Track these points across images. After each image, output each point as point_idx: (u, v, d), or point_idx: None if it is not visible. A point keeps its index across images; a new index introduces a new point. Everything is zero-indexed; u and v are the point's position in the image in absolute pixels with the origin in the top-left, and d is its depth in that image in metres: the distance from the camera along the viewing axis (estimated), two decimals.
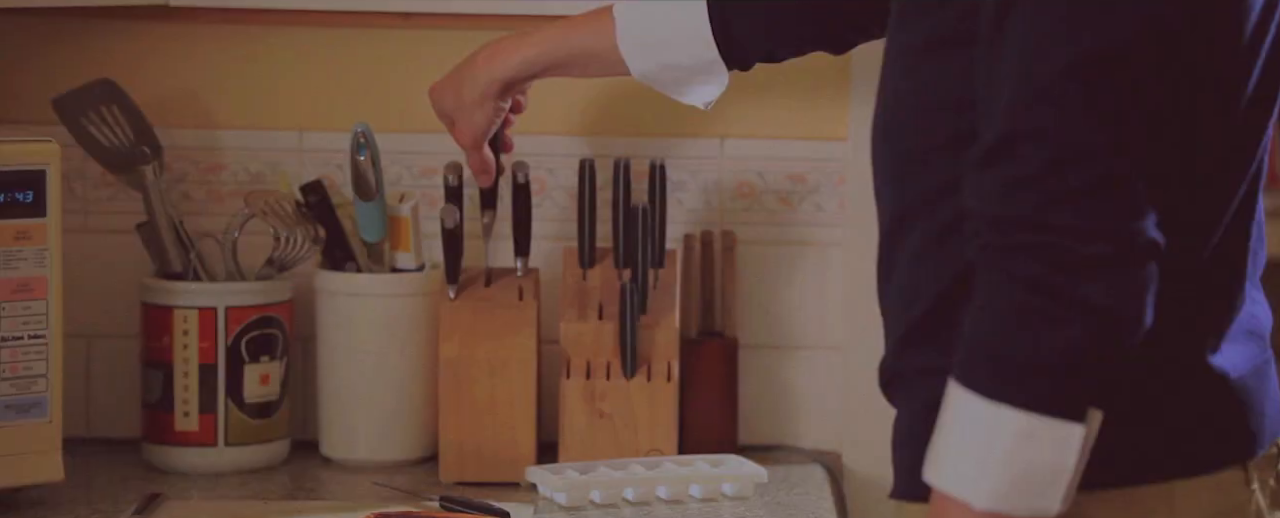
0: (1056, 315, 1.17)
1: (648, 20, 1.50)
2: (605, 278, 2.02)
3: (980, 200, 1.21)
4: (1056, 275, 1.18)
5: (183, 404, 2.01)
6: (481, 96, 1.68)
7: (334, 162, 2.11)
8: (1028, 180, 1.19)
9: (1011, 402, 1.19)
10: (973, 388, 1.20)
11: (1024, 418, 1.18)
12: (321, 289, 2.05)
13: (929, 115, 1.28)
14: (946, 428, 1.21)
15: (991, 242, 1.20)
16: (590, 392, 1.97)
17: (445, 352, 1.98)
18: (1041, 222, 1.18)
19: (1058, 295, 1.18)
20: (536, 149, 2.09)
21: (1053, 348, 1.18)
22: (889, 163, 1.33)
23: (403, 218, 2.03)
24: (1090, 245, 1.18)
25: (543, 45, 1.63)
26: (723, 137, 2.10)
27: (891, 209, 1.34)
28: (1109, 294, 1.17)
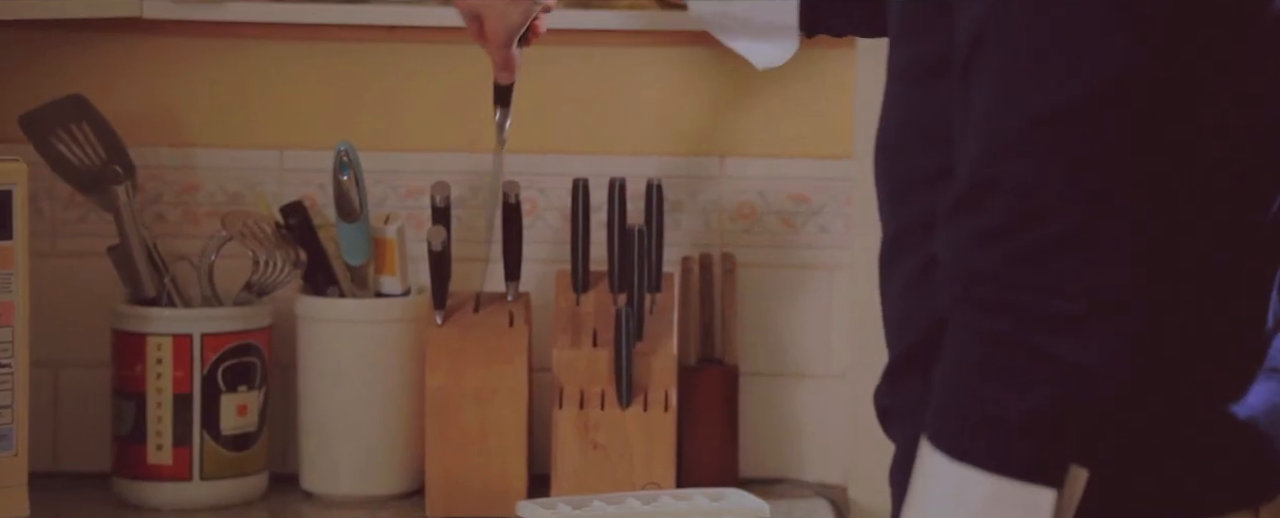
0: (1024, 374, 1.14)
1: None
2: (600, 303, 2.00)
3: (949, 251, 1.17)
4: (1024, 332, 1.14)
5: (156, 437, 1.98)
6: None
7: (316, 181, 2.08)
8: (996, 233, 1.15)
9: (977, 463, 1.15)
10: (939, 447, 1.17)
11: (990, 481, 1.15)
12: (302, 315, 2.02)
13: (918, 144, 1.24)
14: (916, 486, 1.18)
15: (959, 294, 1.17)
16: (584, 422, 1.95)
17: (432, 380, 1.96)
18: (1009, 276, 1.15)
19: (1025, 353, 1.14)
20: (528, 168, 2.07)
21: (1020, 408, 1.14)
22: (885, 185, 1.30)
23: (388, 240, 2.01)
24: (1059, 302, 1.14)
25: None
26: (723, 155, 2.08)
27: (888, 233, 1.31)
28: (1080, 353, 1.14)
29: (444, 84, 2.07)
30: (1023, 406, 1.14)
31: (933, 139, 1.22)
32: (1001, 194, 1.14)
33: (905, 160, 1.26)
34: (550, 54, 2.04)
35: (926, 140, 1.23)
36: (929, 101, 1.22)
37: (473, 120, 2.07)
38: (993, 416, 1.14)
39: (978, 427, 1.14)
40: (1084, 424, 1.15)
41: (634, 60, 2.06)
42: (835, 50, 2.02)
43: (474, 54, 1.95)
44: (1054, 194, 1.13)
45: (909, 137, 1.25)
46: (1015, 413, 1.14)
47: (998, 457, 1.14)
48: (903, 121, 1.26)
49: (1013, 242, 1.14)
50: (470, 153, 2.08)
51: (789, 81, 2.02)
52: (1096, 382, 1.14)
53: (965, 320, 1.16)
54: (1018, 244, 1.14)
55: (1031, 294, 1.13)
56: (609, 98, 2.06)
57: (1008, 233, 1.14)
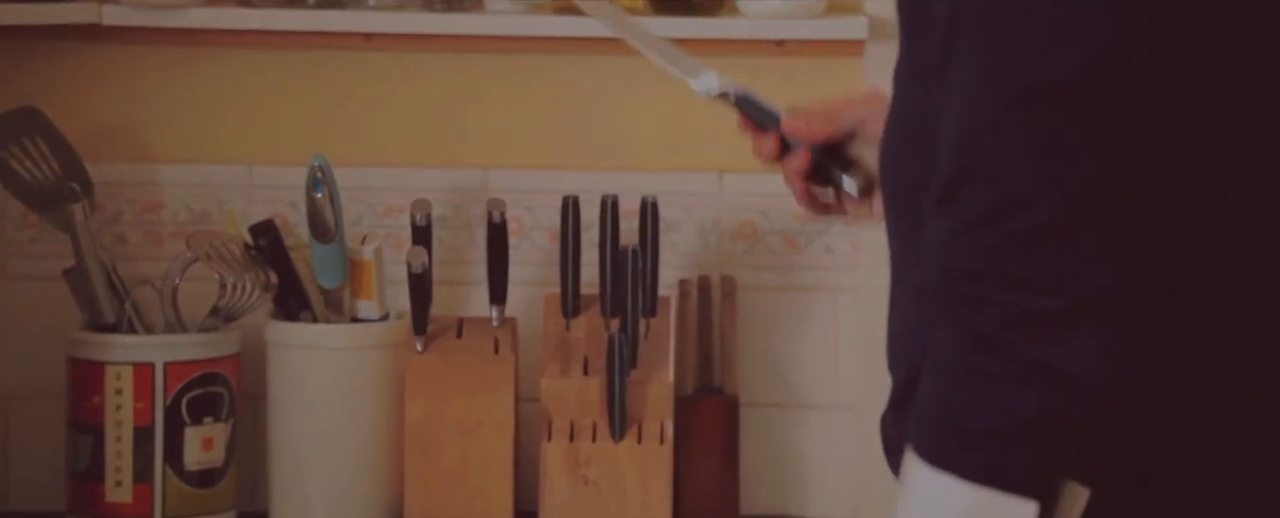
0: (1006, 377, 1.10)
1: None
2: (591, 328, 1.99)
3: (930, 247, 1.14)
4: (1006, 333, 1.11)
5: (115, 473, 1.96)
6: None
7: (287, 199, 2.06)
8: (973, 225, 1.11)
9: (956, 472, 1.11)
10: (920, 454, 1.13)
11: (970, 491, 1.11)
12: (273, 342, 2.00)
13: (915, 149, 1.20)
14: (901, 496, 1.15)
15: (938, 293, 1.13)
16: (574, 456, 1.94)
17: (412, 411, 1.96)
18: (987, 271, 1.11)
19: (1007, 355, 1.10)
20: (514, 185, 2.05)
21: (1002, 413, 1.10)
22: (890, 197, 1.26)
23: (364, 261, 2.00)
24: (1041, 299, 1.10)
25: None
26: (721, 170, 2.06)
27: (894, 247, 1.26)
28: (1066, 356, 1.10)
29: (424, 95, 2.06)
30: (1002, 411, 1.10)
31: (928, 143, 1.17)
32: (977, 182, 1.11)
33: (907, 167, 1.21)
34: (538, 63, 2.05)
35: (922, 145, 1.18)
36: (924, 103, 1.18)
37: (454, 134, 2.07)
38: (971, 422, 1.11)
39: (956, 433, 1.11)
40: (1069, 432, 1.11)
41: (626, 70, 2.02)
42: (842, 59, 2.03)
43: (456, 63, 2.01)
44: (1031, 181, 1.10)
45: (909, 141, 1.21)
46: (994, 419, 1.10)
47: (976, 466, 1.11)
48: (904, 126, 1.22)
49: (991, 233, 1.10)
50: (452, 168, 2.07)
51: (793, 92, 1.92)
52: (1080, 386, 1.10)
53: (944, 319, 1.12)
54: (995, 236, 1.10)
55: (1010, 290, 1.10)
56: (601, 109, 2.05)
57: (985, 224, 1.11)
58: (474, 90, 2.04)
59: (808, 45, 2.02)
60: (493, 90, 2.05)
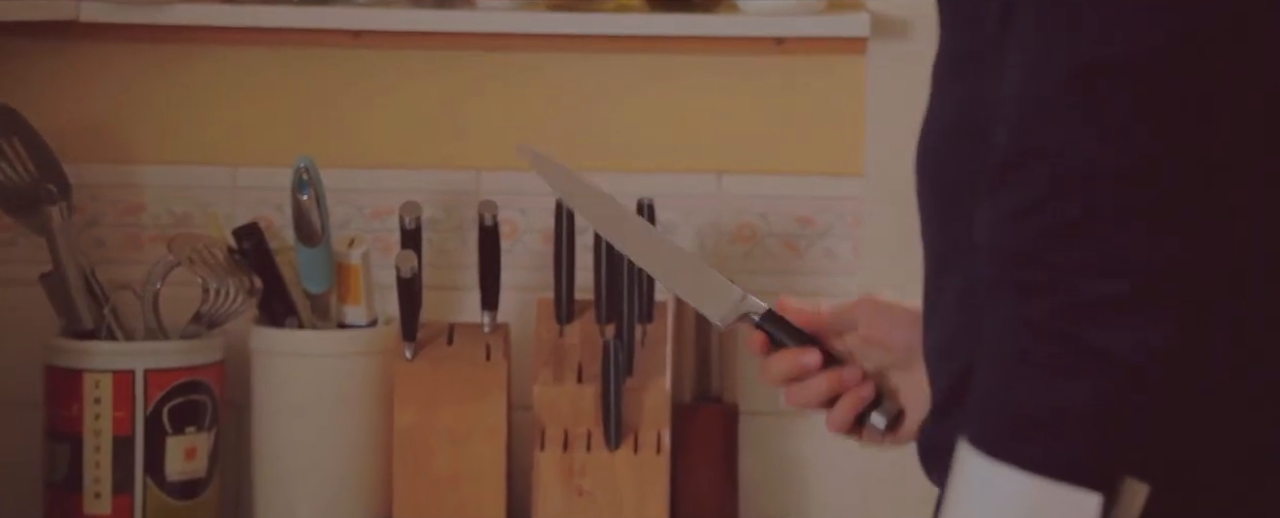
0: (1068, 365, 1.09)
1: None
2: (585, 334, 1.98)
3: (984, 234, 1.12)
4: (1067, 318, 1.09)
5: (93, 484, 1.94)
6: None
7: (272, 201, 2.05)
8: (1029, 208, 1.09)
9: (1016, 462, 1.09)
10: (976, 446, 1.10)
11: (1030, 483, 1.09)
12: (257, 349, 1.99)
13: (964, 143, 1.19)
14: (953, 490, 1.12)
15: (994, 278, 1.11)
16: (568, 466, 1.93)
17: (401, 419, 1.95)
18: (1045, 255, 1.09)
19: (1069, 342, 1.09)
20: (506, 187, 2.04)
21: (1062, 401, 1.09)
22: (929, 196, 1.24)
23: (352, 266, 1.98)
24: (1101, 283, 1.08)
25: None
26: (720, 171, 2.05)
27: (934, 249, 1.24)
28: (1127, 341, 1.08)
29: (414, 94, 2.05)
30: (1068, 398, 1.09)
31: (980, 136, 1.15)
32: (1034, 164, 1.09)
33: (952, 163, 1.20)
34: (531, 61, 2.04)
35: (973, 138, 1.16)
36: (975, 94, 1.17)
37: (445, 134, 2.05)
38: (1031, 411, 1.09)
39: (1016, 423, 1.09)
40: (1132, 422, 1.09)
41: (622, 68, 2.04)
42: (844, 57, 2.02)
43: (447, 61, 1.99)
44: (1091, 162, 1.09)
45: (954, 136, 1.20)
46: (1054, 408, 1.09)
47: (1037, 456, 1.09)
48: (947, 121, 1.21)
49: (1047, 215, 1.09)
50: (443, 170, 2.06)
51: (793, 91, 2.00)
52: (1143, 373, 1.09)
53: (1001, 306, 1.10)
54: (1052, 218, 1.09)
55: (1068, 274, 1.08)
56: (596, 109, 2.04)
57: (1041, 206, 1.09)
58: (465, 89, 2.03)
59: (808, 43, 2.01)
60: (485, 89, 2.04)
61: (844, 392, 1.31)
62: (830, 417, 1.33)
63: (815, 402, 1.32)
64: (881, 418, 1.30)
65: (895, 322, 1.32)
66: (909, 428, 1.33)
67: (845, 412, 1.32)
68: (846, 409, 1.32)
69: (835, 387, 1.31)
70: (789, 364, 1.33)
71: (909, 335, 1.30)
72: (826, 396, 1.31)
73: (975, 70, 1.16)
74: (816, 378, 1.31)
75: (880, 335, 1.32)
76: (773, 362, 1.34)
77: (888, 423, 1.30)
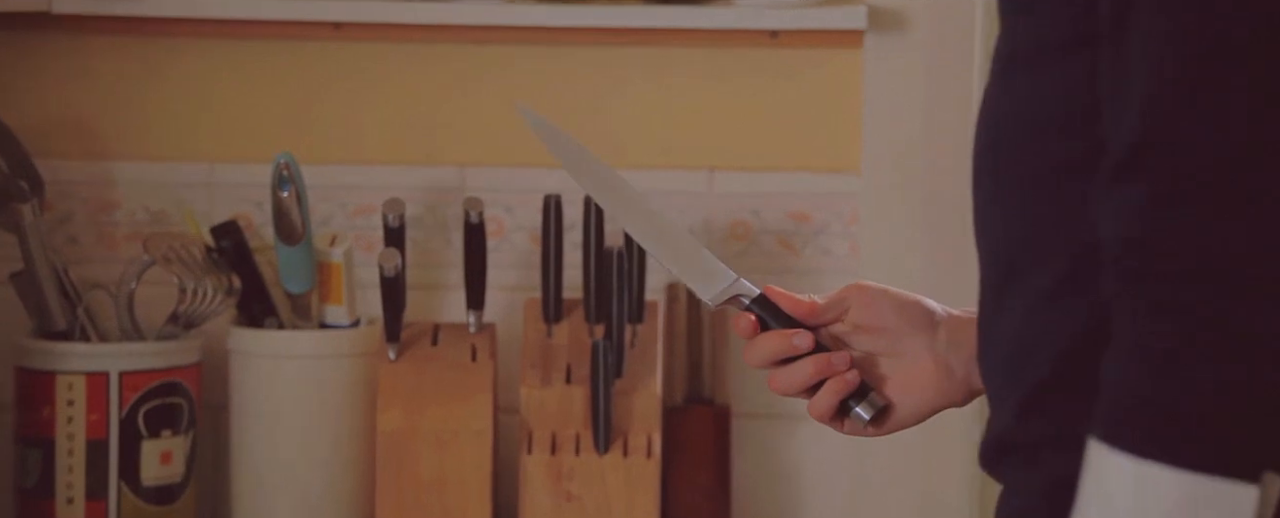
0: (1220, 354, 1.09)
1: None
2: (574, 335, 1.96)
3: (1114, 223, 1.10)
4: (1216, 306, 1.08)
5: (66, 489, 1.92)
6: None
7: (252, 198, 2.04)
8: (1169, 195, 1.09)
9: (1167, 460, 1.08)
10: (1118, 445, 1.09)
11: (1184, 480, 1.08)
12: (236, 350, 1.98)
13: (1048, 133, 1.17)
14: (1088, 495, 1.10)
15: (1133, 270, 1.10)
16: (556, 470, 1.91)
17: (384, 423, 1.93)
18: (1190, 243, 1.09)
19: (1220, 330, 1.08)
20: (493, 183, 2.03)
21: (1218, 393, 1.09)
22: (994, 190, 1.21)
23: (334, 264, 1.97)
24: (1253, 268, 1.08)
25: None
26: (712, 168, 2.05)
27: (999, 248, 1.21)
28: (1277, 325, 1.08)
29: (398, 88, 2.04)
30: (1221, 390, 1.08)
31: (1068, 125, 1.15)
32: (1170, 150, 1.09)
33: (1028, 154, 1.17)
34: (518, 54, 2.03)
35: (1059, 128, 1.15)
36: (1061, 82, 1.15)
37: (429, 129, 2.05)
38: (1184, 406, 1.08)
39: (1167, 420, 1.08)
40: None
41: (611, 62, 2.03)
42: (840, 50, 2.02)
43: (431, 54, 1.99)
44: (1229, 147, 1.08)
45: (1033, 126, 1.17)
46: (1209, 400, 1.08)
47: (1192, 452, 1.08)
48: (1021, 110, 1.18)
49: (1190, 202, 1.08)
50: (427, 166, 2.04)
51: (788, 85, 2.00)
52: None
53: (1142, 297, 1.09)
54: (1197, 205, 1.08)
55: (1218, 260, 1.08)
56: (585, 104, 2.03)
57: (1183, 194, 1.08)
58: (451, 83, 2.02)
59: (804, 36, 2.00)
60: (470, 84, 2.03)
61: (830, 377, 1.30)
62: (813, 402, 1.32)
63: (801, 386, 1.31)
64: (867, 409, 1.29)
65: (885, 307, 1.32)
66: (899, 418, 1.32)
67: (829, 397, 1.30)
68: (830, 395, 1.30)
69: (822, 371, 1.30)
70: (778, 345, 1.31)
71: (899, 320, 1.31)
72: (812, 379, 1.30)
73: (1074, 56, 1.14)
74: (803, 361, 1.30)
75: (870, 321, 1.31)
76: (761, 342, 1.31)
77: (872, 416, 1.29)
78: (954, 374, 1.32)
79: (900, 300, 1.32)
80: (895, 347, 1.31)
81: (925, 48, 1.99)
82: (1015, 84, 1.18)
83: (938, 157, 2.00)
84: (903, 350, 1.31)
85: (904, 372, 1.31)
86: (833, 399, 1.30)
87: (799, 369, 1.30)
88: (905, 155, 2.00)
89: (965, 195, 2.04)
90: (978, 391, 1.34)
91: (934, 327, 1.32)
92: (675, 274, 1.35)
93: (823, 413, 1.31)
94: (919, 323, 1.32)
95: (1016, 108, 1.18)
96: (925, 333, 1.32)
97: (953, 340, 1.32)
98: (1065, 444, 1.15)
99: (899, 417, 1.32)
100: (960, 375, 1.32)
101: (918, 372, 1.30)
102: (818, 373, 1.30)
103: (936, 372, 1.32)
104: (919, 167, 2.00)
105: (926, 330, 1.32)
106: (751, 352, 1.32)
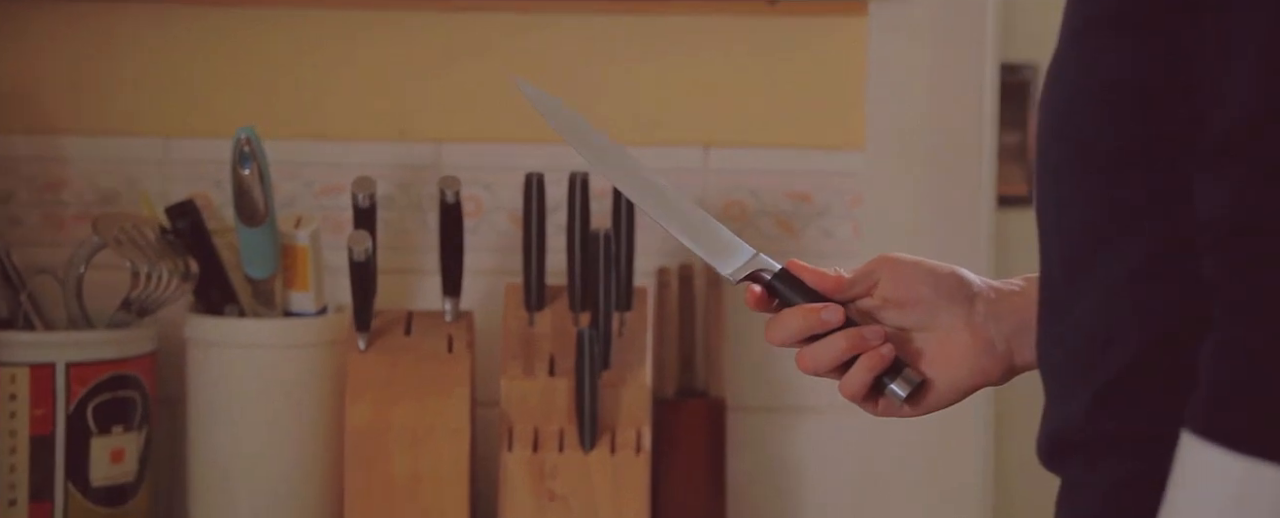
0: None
1: None
2: (557, 323, 1.94)
3: (1217, 204, 1.09)
4: None
5: (8, 490, 1.88)
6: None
7: (210, 176, 2.02)
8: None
9: (1272, 457, 1.07)
10: (1217, 440, 1.08)
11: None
12: (193, 339, 1.94)
13: (1133, 104, 1.16)
14: (1183, 490, 1.10)
15: (1236, 253, 1.08)
16: (538, 468, 1.89)
17: (353, 418, 1.90)
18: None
19: None
20: (471, 160, 2.01)
21: None
22: (1071, 164, 1.19)
23: (299, 248, 1.94)
24: None
25: None
26: (706, 144, 2.02)
27: (1074, 225, 1.19)
28: None
29: (370, 58, 2.01)
30: None
31: (1158, 97, 1.13)
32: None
33: (1113, 127, 1.15)
34: (498, 22, 2.02)
35: (1147, 99, 1.14)
36: (1156, 48, 1.13)
37: (403, 103, 2.02)
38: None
39: (1272, 412, 1.07)
40: None
41: (599, 31, 2.01)
42: (843, 18, 2.01)
43: (405, 22, 1.97)
44: None
45: (1118, 97, 1.15)
46: None
47: None
48: (1105, 79, 1.16)
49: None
50: (400, 142, 2.02)
51: (787, 57, 1.97)
52: None
53: (1245, 286, 1.08)
54: None
55: None
56: (569, 74, 2.00)
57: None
58: (425, 53, 1.99)
59: (804, 3, 1.99)
60: (447, 53, 2.01)
61: (863, 353, 1.27)
62: (846, 380, 1.29)
63: (832, 363, 1.28)
64: (903, 386, 1.26)
65: (918, 279, 1.30)
66: (937, 396, 1.30)
67: (863, 373, 1.27)
68: (865, 370, 1.27)
69: (856, 345, 1.27)
70: (805, 320, 1.28)
71: (933, 292, 1.29)
72: (845, 355, 1.27)
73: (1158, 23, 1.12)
74: (834, 336, 1.27)
75: (902, 294, 1.29)
76: (786, 317, 1.29)
77: (909, 393, 1.27)
78: (994, 349, 1.30)
79: (934, 272, 1.30)
80: (929, 320, 1.28)
81: (934, 15, 1.96)
82: (1098, 50, 1.16)
83: (948, 132, 1.97)
84: (937, 324, 1.28)
85: (939, 347, 1.28)
86: (867, 376, 1.27)
87: (830, 345, 1.27)
88: (913, 131, 1.97)
89: (977, 173, 2.04)
90: (1019, 368, 1.31)
91: (971, 299, 1.29)
92: (694, 251, 1.33)
93: (856, 391, 1.28)
94: (955, 295, 1.30)
95: (1099, 76, 1.16)
96: (961, 305, 1.29)
97: (992, 313, 1.29)
98: (1143, 443, 1.12)
99: (936, 394, 1.30)
100: (1001, 351, 1.29)
101: (954, 346, 1.28)
102: (850, 348, 1.26)
103: (975, 346, 1.29)
104: (927, 143, 1.98)
105: (963, 303, 1.29)
106: (776, 328, 1.29)
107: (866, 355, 1.27)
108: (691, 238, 1.33)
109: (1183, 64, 1.12)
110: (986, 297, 1.31)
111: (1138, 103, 1.14)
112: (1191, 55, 1.12)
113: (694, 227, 1.34)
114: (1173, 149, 1.13)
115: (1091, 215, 1.16)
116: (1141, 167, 1.14)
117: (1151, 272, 1.14)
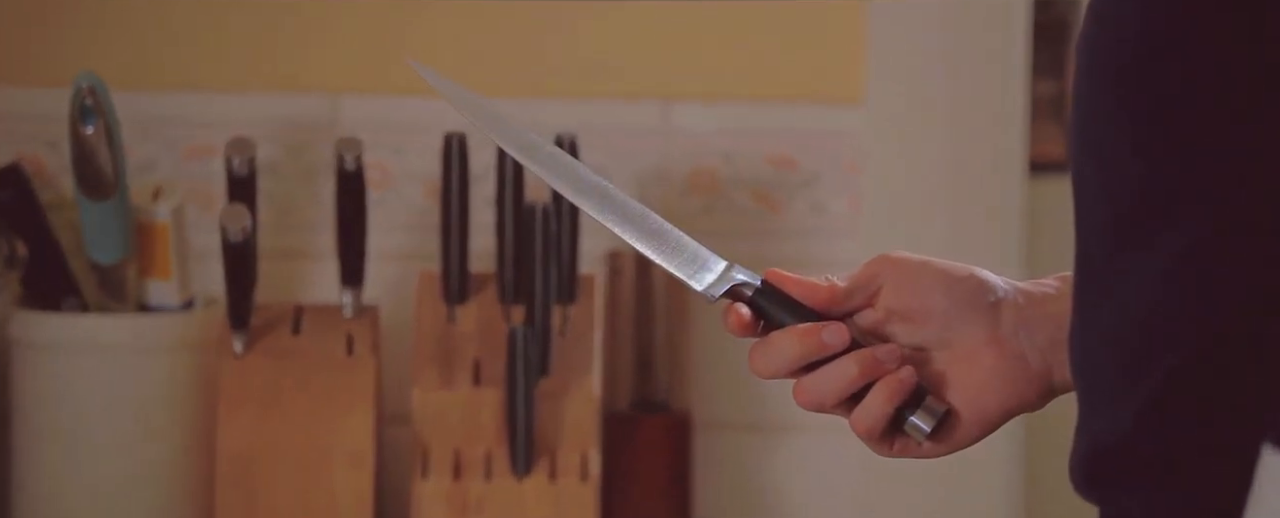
0: None
1: None
2: (484, 320, 1.86)
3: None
4: None
5: None
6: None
7: (43, 136, 1.89)
8: None
9: None
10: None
11: None
12: (20, 339, 1.83)
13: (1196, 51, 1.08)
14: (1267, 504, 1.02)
15: None
16: (461, 499, 1.82)
17: (228, 439, 1.81)
18: None
19: None
20: (374, 117, 1.90)
21: None
22: (1119, 121, 1.11)
23: (158, 225, 1.84)
24: None
25: None
26: (667, 98, 1.92)
27: (1117, 196, 1.12)
28: None
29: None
30: None
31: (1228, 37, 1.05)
32: None
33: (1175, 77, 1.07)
34: None
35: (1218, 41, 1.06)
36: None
37: (291, 46, 1.91)
38: None
39: None
40: None
41: None
42: (840, 2, 1.93)
43: None
44: None
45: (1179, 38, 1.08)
46: None
47: None
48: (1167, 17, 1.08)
49: None
50: (286, 93, 1.91)
51: (782, 43, 1.88)
52: None
53: None
54: None
55: None
56: (496, 13, 1.89)
57: None
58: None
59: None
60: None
61: (878, 379, 1.19)
62: (860, 414, 1.20)
63: (841, 394, 1.19)
64: (926, 419, 1.17)
65: (929, 285, 1.22)
66: (964, 433, 1.21)
67: (882, 404, 1.18)
68: (883, 402, 1.18)
69: (871, 370, 1.18)
70: (804, 344, 1.18)
71: (948, 301, 1.22)
72: (859, 383, 1.18)
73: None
74: (843, 361, 1.17)
75: (910, 304, 1.20)
76: (778, 343, 1.19)
77: (934, 427, 1.19)
78: (1027, 366, 1.22)
79: (948, 274, 1.22)
80: (945, 336, 1.20)
81: None
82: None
83: (965, 82, 1.89)
84: (955, 341, 1.20)
85: (960, 369, 1.20)
86: (887, 408, 1.17)
87: (838, 372, 1.17)
88: (925, 80, 1.89)
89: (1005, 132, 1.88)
90: (1059, 388, 1.24)
91: (995, 307, 1.22)
92: (665, 266, 1.23)
93: (874, 427, 1.18)
94: (975, 303, 1.22)
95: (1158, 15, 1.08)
96: (984, 315, 1.22)
97: (1023, 322, 1.21)
98: (1208, 457, 1.05)
99: (963, 428, 1.20)
100: (1037, 368, 1.21)
101: (978, 368, 1.20)
102: (865, 374, 1.17)
103: (1003, 365, 1.21)
104: (943, 95, 1.89)
105: (985, 312, 1.22)
106: (765, 358, 1.19)
107: (883, 382, 1.16)
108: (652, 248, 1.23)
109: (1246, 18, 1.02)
110: (1014, 303, 1.23)
111: (1206, 46, 1.05)
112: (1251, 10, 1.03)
113: (651, 233, 1.26)
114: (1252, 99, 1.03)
115: (1149, 177, 1.06)
116: (1212, 120, 1.05)
117: (1220, 248, 1.06)
